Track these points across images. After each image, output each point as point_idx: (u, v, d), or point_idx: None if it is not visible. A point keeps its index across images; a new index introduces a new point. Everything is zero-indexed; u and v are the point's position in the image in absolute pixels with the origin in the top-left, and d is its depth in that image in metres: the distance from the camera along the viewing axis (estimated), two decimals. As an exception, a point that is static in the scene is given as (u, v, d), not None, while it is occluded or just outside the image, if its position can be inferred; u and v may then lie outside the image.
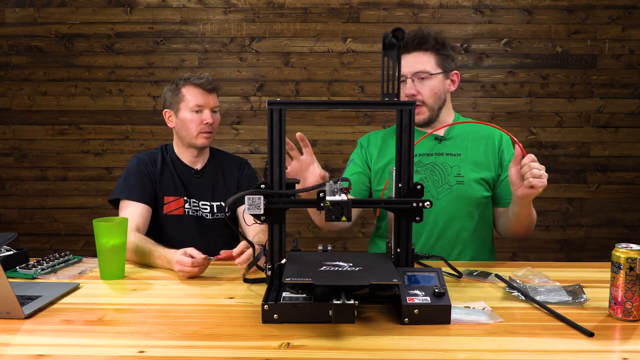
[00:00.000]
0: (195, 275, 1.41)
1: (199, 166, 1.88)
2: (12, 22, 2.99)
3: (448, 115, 1.79)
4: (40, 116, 3.07)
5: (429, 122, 1.74)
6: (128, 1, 2.98)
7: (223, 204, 1.86)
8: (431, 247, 1.70)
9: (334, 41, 2.99)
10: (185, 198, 1.83)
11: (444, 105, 1.75)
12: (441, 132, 1.77)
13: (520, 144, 1.43)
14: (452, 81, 1.76)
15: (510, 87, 3.02)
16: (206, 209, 1.84)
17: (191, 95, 1.79)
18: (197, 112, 1.79)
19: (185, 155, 1.87)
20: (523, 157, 1.42)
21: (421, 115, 1.72)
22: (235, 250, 1.41)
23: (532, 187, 1.40)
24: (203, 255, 1.39)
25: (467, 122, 1.78)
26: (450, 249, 1.70)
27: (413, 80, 1.69)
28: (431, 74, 1.68)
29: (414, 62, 1.69)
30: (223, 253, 1.44)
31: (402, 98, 1.71)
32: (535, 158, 1.41)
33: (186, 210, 1.82)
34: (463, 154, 1.73)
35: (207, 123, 1.79)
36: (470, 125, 1.79)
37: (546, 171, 1.41)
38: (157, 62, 3.02)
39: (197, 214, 1.83)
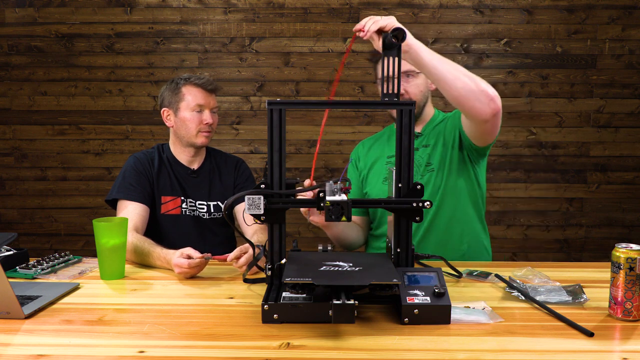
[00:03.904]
0: (195, 275, 1.41)
1: (195, 166, 1.88)
2: (12, 22, 2.99)
3: (428, 113, 1.82)
4: (40, 116, 3.07)
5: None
6: (128, 1, 2.98)
7: (220, 203, 1.86)
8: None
9: (334, 41, 2.99)
10: (182, 198, 1.83)
11: (427, 102, 1.79)
12: (418, 129, 1.80)
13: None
14: None
15: (510, 87, 3.01)
16: (203, 208, 1.84)
17: (192, 95, 1.79)
18: (197, 112, 1.79)
19: (182, 155, 1.87)
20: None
21: None
22: (230, 256, 1.41)
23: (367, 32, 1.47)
24: (200, 255, 1.39)
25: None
26: (437, 236, 1.69)
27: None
28: (417, 73, 1.71)
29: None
30: (216, 258, 1.44)
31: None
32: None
33: (183, 210, 1.82)
34: (432, 144, 1.75)
35: (207, 123, 1.79)
36: (441, 117, 1.81)
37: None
38: (157, 62, 3.02)
39: (194, 214, 1.83)
